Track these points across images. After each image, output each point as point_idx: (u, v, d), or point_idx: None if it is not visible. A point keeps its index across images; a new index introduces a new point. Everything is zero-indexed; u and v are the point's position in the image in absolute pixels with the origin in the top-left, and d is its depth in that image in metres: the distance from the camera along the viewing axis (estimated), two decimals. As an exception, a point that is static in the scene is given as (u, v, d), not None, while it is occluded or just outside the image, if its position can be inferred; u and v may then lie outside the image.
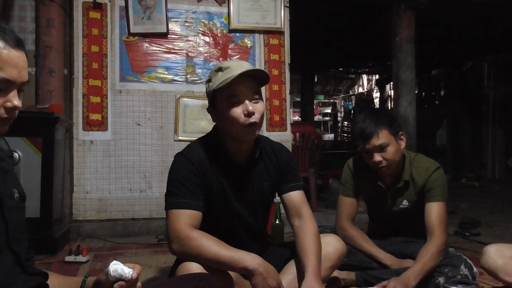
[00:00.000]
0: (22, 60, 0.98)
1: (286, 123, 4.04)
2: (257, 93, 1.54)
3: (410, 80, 4.27)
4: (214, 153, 1.60)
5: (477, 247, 2.90)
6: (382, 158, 1.97)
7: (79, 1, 3.64)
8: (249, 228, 1.68)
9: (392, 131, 1.99)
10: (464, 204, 4.96)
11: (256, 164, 1.65)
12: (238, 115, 1.49)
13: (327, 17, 5.58)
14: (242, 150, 1.61)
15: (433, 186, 2.03)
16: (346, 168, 2.24)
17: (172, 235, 1.45)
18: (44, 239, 2.88)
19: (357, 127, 2.03)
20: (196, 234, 1.44)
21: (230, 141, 1.59)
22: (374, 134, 1.95)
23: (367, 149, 2.00)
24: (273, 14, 3.97)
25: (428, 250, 1.89)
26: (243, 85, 1.50)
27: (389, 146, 1.97)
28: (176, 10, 3.84)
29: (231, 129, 1.53)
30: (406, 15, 4.23)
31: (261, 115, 1.53)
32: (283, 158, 1.72)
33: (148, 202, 3.73)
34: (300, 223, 1.65)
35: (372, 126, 1.97)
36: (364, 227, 2.70)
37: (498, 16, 5.29)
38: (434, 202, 2.00)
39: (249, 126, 1.50)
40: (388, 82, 10.70)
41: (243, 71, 1.47)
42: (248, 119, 1.49)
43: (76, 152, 3.61)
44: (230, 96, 1.50)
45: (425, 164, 2.09)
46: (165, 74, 3.81)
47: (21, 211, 1.10)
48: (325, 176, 5.37)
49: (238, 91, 1.50)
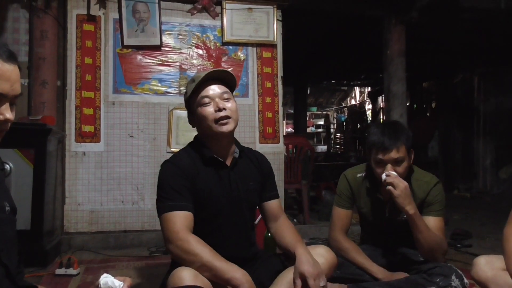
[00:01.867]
0: (15, 73, 0.98)
1: (279, 135, 4.05)
2: (226, 93, 1.68)
3: (401, 92, 4.32)
4: (198, 156, 1.70)
5: (469, 258, 2.91)
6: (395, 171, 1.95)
7: (73, 13, 3.66)
8: (237, 227, 1.71)
9: (407, 147, 2.00)
10: (456, 216, 4.98)
11: (240, 163, 1.75)
12: (209, 112, 1.64)
13: (319, 30, 5.64)
14: (223, 146, 1.71)
15: (434, 201, 2.06)
16: (343, 178, 2.23)
17: (170, 237, 1.52)
18: (35, 252, 2.85)
19: (376, 137, 1.99)
20: (194, 239, 1.51)
21: (209, 140, 1.70)
22: (394, 148, 1.94)
23: (382, 160, 1.97)
24: (266, 28, 4.01)
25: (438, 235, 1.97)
26: (211, 87, 1.67)
27: (404, 162, 1.98)
28: (170, 23, 3.87)
29: (207, 127, 1.66)
30: (396, 29, 4.29)
31: (232, 111, 1.67)
32: (264, 164, 1.85)
33: (140, 214, 3.71)
34: (278, 223, 1.80)
35: (393, 139, 1.95)
36: (356, 239, 2.71)
37: (488, 30, 5.37)
38: (433, 217, 2.04)
39: (221, 119, 1.63)
40: (380, 94, 10.78)
41: (207, 72, 1.65)
42: (219, 113, 1.63)
43: (68, 163, 3.59)
44: (201, 98, 1.66)
45: (425, 178, 2.12)
46: (158, 86, 3.82)
47: (12, 224, 1.10)
48: (318, 188, 5.37)
49: (207, 92, 1.66)
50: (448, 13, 4.53)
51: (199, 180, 1.64)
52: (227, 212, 1.68)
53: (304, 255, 1.57)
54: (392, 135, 1.97)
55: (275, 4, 4.02)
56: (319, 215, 4.54)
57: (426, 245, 1.94)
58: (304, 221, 4.25)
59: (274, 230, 1.80)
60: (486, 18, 4.72)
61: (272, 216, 1.81)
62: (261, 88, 4.00)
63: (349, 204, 2.20)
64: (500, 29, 5.27)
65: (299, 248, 1.61)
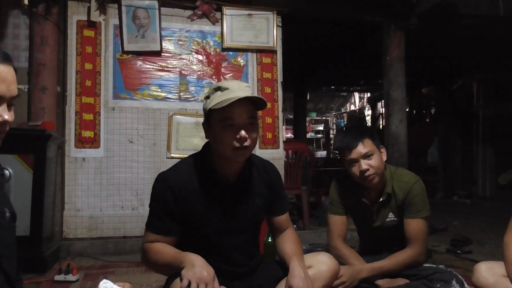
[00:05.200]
0: (10, 74, 0.98)
1: (279, 140, 4.06)
2: (252, 117, 1.53)
3: (401, 98, 4.33)
4: (200, 173, 1.59)
5: (469, 264, 2.90)
6: (368, 165, 2.00)
7: (73, 20, 3.67)
8: (239, 246, 1.67)
9: (375, 143, 2.06)
10: (455, 222, 4.97)
11: (246, 182, 1.65)
12: (230, 138, 1.49)
13: (319, 36, 5.66)
14: (232, 169, 1.61)
15: (413, 201, 2.07)
16: (333, 187, 2.29)
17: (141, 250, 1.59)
18: (34, 258, 2.84)
19: (341, 141, 2.12)
20: (152, 245, 1.53)
21: (220, 160, 1.58)
22: (359, 143, 2.02)
23: (353, 159, 2.04)
24: (265, 33, 4.02)
25: (397, 256, 2.01)
26: (239, 108, 1.49)
27: (374, 155, 2.03)
28: (170, 28, 3.88)
29: (223, 150, 1.53)
30: (396, 35, 4.31)
31: (253, 140, 1.53)
32: (274, 177, 1.75)
33: (140, 220, 3.70)
34: (283, 234, 1.77)
35: (356, 136, 2.05)
36: (356, 245, 2.70)
37: (486, 36, 5.40)
38: (413, 219, 2.06)
39: (240, 149, 1.51)
40: (379, 100, 10.80)
41: (241, 97, 1.46)
42: (240, 143, 1.49)
43: (67, 169, 3.59)
44: (225, 118, 1.49)
45: (405, 178, 2.13)
46: (158, 91, 3.82)
47: (12, 230, 1.09)
48: (317, 193, 5.36)
49: (233, 113, 1.49)
50: (447, 19, 4.55)
51: (195, 200, 1.56)
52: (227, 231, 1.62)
53: (297, 268, 1.52)
54: (354, 134, 2.07)
55: (275, 10, 4.04)
56: (319, 220, 4.53)
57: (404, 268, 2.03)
58: (304, 227, 4.24)
59: (277, 240, 1.77)
60: (485, 24, 4.74)
61: (280, 229, 1.77)
62: (261, 93, 4.01)
63: (342, 210, 2.22)
64: (499, 35, 5.30)
65: (294, 261, 1.56)
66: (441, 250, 3.51)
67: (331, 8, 4.27)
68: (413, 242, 2.03)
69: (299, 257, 1.60)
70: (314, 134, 15.67)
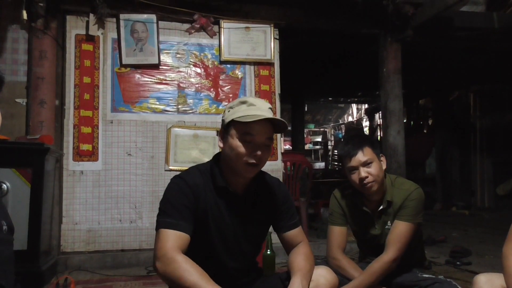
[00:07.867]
0: None
1: (277, 152, 4.06)
2: (270, 139, 1.57)
3: (398, 110, 4.35)
4: (210, 180, 1.61)
5: (468, 276, 2.90)
6: (367, 173, 2.02)
7: (72, 34, 3.70)
8: (238, 256, 1.67)
9: (375, 151, 2.08)
10: (454, 233, 4.97)
11: (253, 196, 1.67)
12: (243, 152, 1.52)
13: (316, 48, 5.71)
14: (239, 182, 1.62)
15: (407, 205, 2.07)
16: (333, 198, 2.29)
17: (159, 254, 1.45)
18: (31, 272, 2.83)
19: (342, 149, 2.14)
20: (181, 258, 1.43)
21: (228, 170, 1.60)
22: (359, 151, 2.04)
23: (352, 167, 2.05)
24: (263, 46, 4.06)
25: (372, 266, 1.99)
26: (261, 128, 1.53)
27: (373, 163, 2.05)
28: (168, 42, 3.91)
29: (235, 161, 1.55)
30: (392, 47, 4.35)
31: (265, 160, 1.57)
32: (281, 195, 1.75)
33: (138, 233, 3.68)
34: (294, 249, 1.73)
35: (356, 144, 2.07)
36: (355, 256, 2.69)
37: (482, 48, 5.45)
38: (401, 221, 2.05)
39: (251, 165, 1.54)
40: (377, 111, 10.85)
41: (267, 118, 1.50)
42: (253, 159, 1.52)
43: (65, 182, 3.59)
44: (246, 133, 1.52)
45: (406, 185, 2.14)
46: (156, 104, 3.84)
47: (9, 244, 1.09)
48: (316, 205, 5.36)
49: (255, 131, 1.52)
50: (443, 32, 4.60)
51: (207, 204, 1.58)
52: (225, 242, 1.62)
53: (296, 284, 1.52)
54: (355, 142, 2.10)
55: (272, 23, 4.07)
56: (317, 232, 4.51)
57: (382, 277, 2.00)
58: (303, 239, 4.22)
59: (289, 254, 1.75)
60: (480, 37, 4.79)
61: (292, 244, 1.75)
62: (258, 106, 4.01)
63: (342, 221, 2.22)
64: (494, 47, 5.35)
65: (296, 277, 1.54)
66: (440, 262, 3.50)
67: (328, 21, 4.31)
68: (390, 246, 2.00)
69: (303, 273, 1.57)
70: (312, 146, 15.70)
